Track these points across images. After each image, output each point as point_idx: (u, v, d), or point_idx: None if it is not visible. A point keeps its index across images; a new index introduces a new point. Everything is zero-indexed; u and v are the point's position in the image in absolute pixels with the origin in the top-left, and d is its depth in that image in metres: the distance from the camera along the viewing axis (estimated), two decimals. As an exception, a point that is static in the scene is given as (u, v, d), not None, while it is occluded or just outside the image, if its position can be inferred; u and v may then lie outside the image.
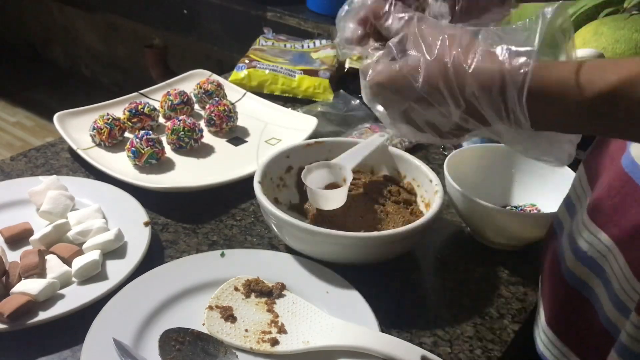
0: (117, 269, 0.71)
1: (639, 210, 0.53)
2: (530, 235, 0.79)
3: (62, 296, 0.67)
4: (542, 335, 0.66)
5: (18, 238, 0.76)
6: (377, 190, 0.83)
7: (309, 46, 1.31)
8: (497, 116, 0.48)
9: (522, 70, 0.46)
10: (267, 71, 1.18)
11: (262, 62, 1.21)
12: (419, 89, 0.50)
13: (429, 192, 0.80)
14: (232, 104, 1.06)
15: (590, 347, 0.60)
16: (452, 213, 0.86)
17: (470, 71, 0.48)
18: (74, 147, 0.94)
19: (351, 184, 0.80)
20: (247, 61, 1.21)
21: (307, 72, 1.18)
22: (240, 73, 1.19)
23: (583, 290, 0.60)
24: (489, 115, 0.49)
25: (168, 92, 1.06)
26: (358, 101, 1.13)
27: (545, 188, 0.84)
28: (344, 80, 1.21)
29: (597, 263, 0.58)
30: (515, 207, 0.86)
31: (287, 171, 0.84)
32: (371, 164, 0.87)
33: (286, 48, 1.30)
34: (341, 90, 1.17)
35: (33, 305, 0.65)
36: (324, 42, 1.32)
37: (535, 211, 0.84)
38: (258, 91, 1.17)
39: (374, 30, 0.59)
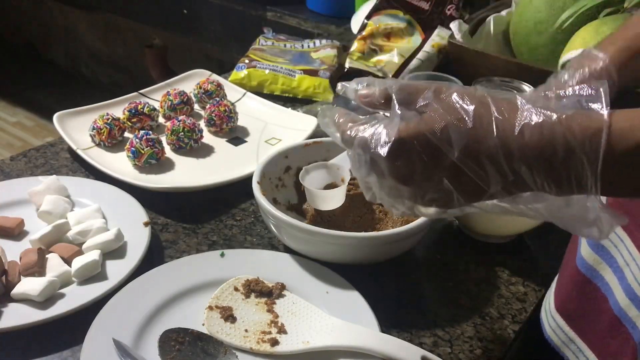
0: (117, 269, 0.71)
1: None
2: (521, 228, 0.80)
3: (62, 296, 0.67)
4: (550, 320, 0.67)
5: (9, 230, 0.77)
6: (376, 190, 0.83)
7: (309, 46, 1.31)
8: (555, 187, 0.43)
9: (594, 143, 0.40)
10: (267, 71, 1.18)
11: (262, 62, 1.21)
12: (454, 157, 0.43)
13: (429, 192, 0.79)
14: (232, 104, 1.06)
15: (598, 333, 0.61)
16: (452, 213, 0.86)
17: (523, 140, 0.42)
18: (74, 147, 0.94)
19: (349, 184, 0.80)
20: (247, 61, 1.21)
21: (307, 72, 1.18)
22: (240, 73, 1.19)
23: (594, 278, 0.61)
24: (542, 185, 0.43)
25: (168, 92, 1.06)
26: (358, 101, 1.13)
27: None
28: (344, 80, 1.21)
29: (608, 252, 0.58)
30: None
31: (285, 171, 0.84)
32: (371, 164, 0.87)
33: (286, 48, 1.29)
34: (341, 90, 1.17)
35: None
36: (324, 42, 1.32)
37: None
38: (258, 91, 1.17)
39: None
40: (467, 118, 0.43)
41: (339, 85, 0.54)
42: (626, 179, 0.42)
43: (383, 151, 0.45)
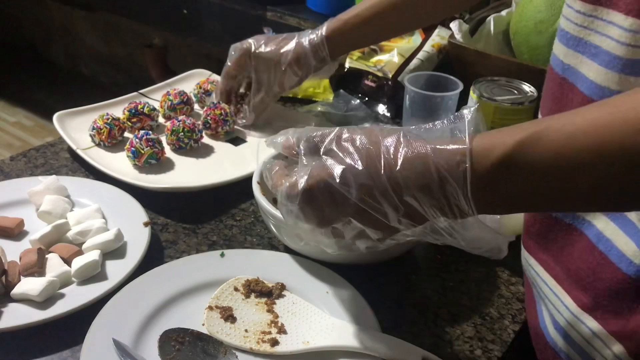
0: (117, 269, 0.71)
1: None
2: (521, 228, 0.79)
3: (62, 296, 0.67)
4: (524, 261, 0.67)
5: (8, 230, 0.77)
6: (377, 190, 0.83)
7: (308, 46, 1.30)
8: (440, 213, 0.46)
9: (460, 168, 0.44)
10: (267, 71, 1.18)
11: (262, 62, 1.21)
12: (353, 197, 0.47)
13: (429, 192, 0.79)
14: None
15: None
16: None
17: (405, 173, 0.45)
18: (74, 147, 0.94)
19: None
20: (247, 61, 1.21)
21: (307, 72, 1.18)
22: (240, 73, 1.19)
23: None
24: (430, 213, 0.46)
25: (168, 92, 1.06)
26: (358, 101, 1.13)
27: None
28: (344, 80, 1.21)
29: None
30: None
31: (287, 171, 0.84)
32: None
33: (286, 48, 1.29)
34: (341, 90, 1.17)
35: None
36: (323, 42, 1.32)
37: None
38: (258, 91, 1.17)
39: None
40: (359, 160, 0.47)
41: (267, 140, 0.59)
42: (494, 197, 0.44)
43: (296, 202, 0.50)
